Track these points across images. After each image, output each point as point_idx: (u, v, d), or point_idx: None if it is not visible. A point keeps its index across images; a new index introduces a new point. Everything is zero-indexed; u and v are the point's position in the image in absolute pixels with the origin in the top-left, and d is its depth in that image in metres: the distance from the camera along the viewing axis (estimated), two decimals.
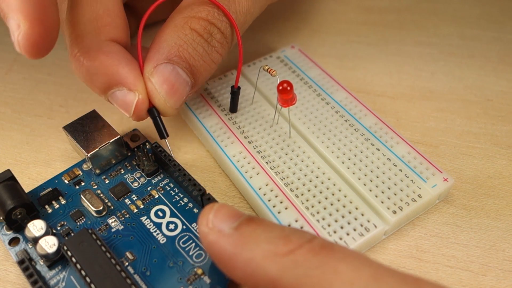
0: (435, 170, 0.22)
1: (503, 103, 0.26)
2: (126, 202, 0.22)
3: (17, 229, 0.21)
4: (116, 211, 0.22)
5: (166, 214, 0.21)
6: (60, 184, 0.23)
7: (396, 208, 0.20)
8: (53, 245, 0.19)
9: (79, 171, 0.23)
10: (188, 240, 0.20)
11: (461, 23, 0.31)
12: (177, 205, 0.22)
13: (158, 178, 0.23)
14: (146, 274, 0.19)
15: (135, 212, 0.21)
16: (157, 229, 0.21)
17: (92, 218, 0.21)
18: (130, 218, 0.21)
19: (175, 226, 0.21)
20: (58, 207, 0.22)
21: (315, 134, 0.23)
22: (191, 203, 0.22)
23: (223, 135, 0.24)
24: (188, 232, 0.21)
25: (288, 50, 0.28)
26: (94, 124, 0.23)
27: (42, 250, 0.19)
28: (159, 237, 0.20)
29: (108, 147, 0.22)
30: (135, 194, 0.22)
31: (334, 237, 0.20)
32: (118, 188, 0.22)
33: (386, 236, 0.21)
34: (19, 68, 0.30)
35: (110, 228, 0.21)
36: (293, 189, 0.21)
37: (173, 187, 0.22)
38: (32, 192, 0.22)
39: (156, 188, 0.22)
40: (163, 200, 0.22)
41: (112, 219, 0.21)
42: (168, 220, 0.21)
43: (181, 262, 0.20)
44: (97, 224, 0.21)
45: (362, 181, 0.21)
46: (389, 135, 0.23)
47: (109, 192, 0.22)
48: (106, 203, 0.22)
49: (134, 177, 0.23)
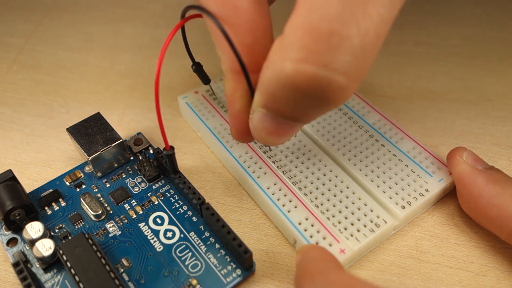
0: (440, 164, 0.22)
1: (503, 103, 0.26)
2: (126, 207, 0.22)
3: (16, 230, 0.21)
4: (114, 216, 0.21)
5: (165, 221, 0.21)
6: (61, 186, 0.23)
7: (404, 203, 0.21)
8: (49, 248, 0.19)
9: (81, 173, 0.23)
10: (185, 249, 0.20)
11: (461, 23, 0.31)
12: (176, 212, 0.21)
13: (159, 184, 0.23)
14: (140, 282, 0.19)
15: (134, 218, 0.21)
16: (155, 236, 0.21)
17: (91, 222, 0.21)
18: (128, 223, 0.21)
19: (173, 234, 0.21)
20: (57, 209, 0.22)
21: (320, 132, 0.23)
22: (191, 211, 0.21)
23: (227, 135, 0.24)
24: (185, 241, 0.20)
25: None
26: (97, 126, 0.23)
27: (38, 253, 0.19)
28: (156, 244, 0.20)
29: (110, 150, 0.22)
30: (134, 199, 0.22)
31: (345, 234, 0.20)
32: (118, 192, 0.22)
33: (395, 231, 0.21)
34: (19, 68, 0.30)
35: (107, 233, 0.21)
36: (301, 187, 0.21)
37: (173, 194, 0.22)
38: (33, 192, 0.22)
39: (156, 194, 0.22)
40: (163, 206, 0.22)
41: (110, 223, 0.21)
42: (166, 228, 0.21)
43: (177, 272, 0.19)
44: (95, 229, 0.21)
45: (369, 177, 0.21)
46: (393, 131, 0.23)
47: (109, 196, 0.22)
48: (105, 207, 0.22)
49: (135, 181, 0.23)
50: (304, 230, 0.20)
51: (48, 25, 0.33)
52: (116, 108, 0.27)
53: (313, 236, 0.19)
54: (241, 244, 0.19)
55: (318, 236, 0.20)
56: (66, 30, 0.32)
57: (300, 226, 0.20)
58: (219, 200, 0.23)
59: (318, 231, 0.20)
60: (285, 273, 0.20)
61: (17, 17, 0.33)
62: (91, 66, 0.30)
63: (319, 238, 0.19)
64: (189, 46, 0.21)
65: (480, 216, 0.20)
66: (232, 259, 0.20)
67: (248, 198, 0.23)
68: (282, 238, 0.21)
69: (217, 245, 0.20)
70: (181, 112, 0.26)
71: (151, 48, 0.31)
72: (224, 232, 0.19)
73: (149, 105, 0.27)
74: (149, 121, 0.26)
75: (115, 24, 0.33)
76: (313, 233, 0.20)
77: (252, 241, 0.21)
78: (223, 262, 0.20)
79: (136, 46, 0.31)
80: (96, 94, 0.28)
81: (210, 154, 0.25)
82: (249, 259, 0.19)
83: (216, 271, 0.19)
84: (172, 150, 0.20)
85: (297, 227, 0.20)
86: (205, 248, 0.20)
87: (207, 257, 0.20)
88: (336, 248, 0.19)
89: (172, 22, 0.20)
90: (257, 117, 0.17)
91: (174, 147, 0.21)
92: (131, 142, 0.24)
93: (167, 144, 0.20)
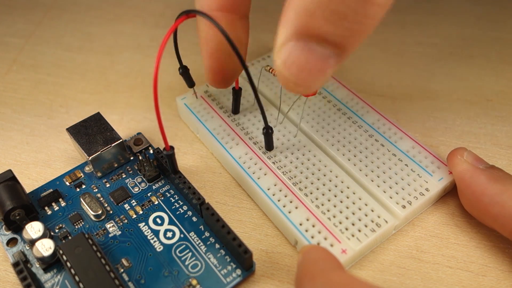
0: (440, 163, 0.22)
1: (503, 103, 0.26)
2: (126, 207, 0.22)
3: (16, 230, 0.21)
4: (114, 216, 0.21)
5: (165, 221, 0.21)
6: (61, 186, 0.23)
7: (405, 202, 0.21)
8: (49, 248, 0.19)
9: (81, 173, 0.23)
10: (185, 249, 0.20)
11: (461, 23, 0.31)
12: (176, 212, 0.21)
13: (159, 184, 0.23)
14: (140, 282, 0.19)
15: (134, 218, 0.21)
16: (155, 236, 0.21)
17: (90, 222, 0.21)
18: (128, 223, 0.21)
19: (173, 234, 0.21)
20: (57, 209, 0.22)
21: (319, 132, 0.23)
22: (190, 211, 0.21)
23: (227, 137, 0.24)
24: (185, 241, 0.20)
25: None
26: (97, 126, 0.23)
27: (38, 253, 0.19)
28: (156, 244, 0.20)
29: (110, 150, 0.22)
30: (134, 199, 0.22)
31: (347, 234, 0.20)
32: (118, 192, 0.22)
33: (396, 231, 0.21)
34: (19, 68, 0.30)
35: (107, 233, 0.21)
36: (301, 188, 0.21)
37: (173, 194, 0.22)
38: (33, 192, 0.22)
39: (156, 194, 0.22)
40: (163, 206, 0.22)
41: (110, 224, 0.21)
42: (166, 228, 0.21)
43: (176, 272, 0.19)
44: (95, 228, 0.21)
45: (369, 177, 0.22)
46: (392, 131, 0.23)
47: (109, 196, 0.22)
48: (105, 207, 0.22)
49: (135, 181, 0.23)
50: (305, 230, 0.20)
51: (48, 24, 0.33)
52: (116, 108, 0.27)
53: (314, 236, 0.19)
54: (241, 244, 0.19)
55: (319, 236, 0.20)
56: (66, 30, 0.32)
57: (301, 227, 0.20)
58: (219, 200, 0.23)
59: (319, 232, 0.20)
60: (285, 273, 0.20)
61: (17, 17, 0.33)
62: (91, 66, 0.30)
63: (321, 238, 0.19)
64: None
65: (483, 214, 0.20)
66: (232, 259, 0.20)
67: (248, 198, 0.23)
68: (282, 238, 0.21)
69: (217, 245, 0.20)
70: (180, 113, 0.26)
71: (151, 48, 0.31)
72: (224, 232, 0.19)
73: (149, 105, 0.27)
74: (149, 121, 0.26)
75: (115, 24, 0.33)
76: (314, 233, 0.20)
77: (252, 241, 0.21)
78: (223, 262, 0.20)
79: (136, 46, 0.31)
80: (96, 94, 0.28)
81: (210, 154, 0.25)
82: (249, 259, 0.19)
83: (216, 271, 0.19)
84: (172, 150, 0.20)
85: (298, 228, 0.20)
86: (205, 248, 0.20)
87: (207, 257, 0.20)
88: (338, 248, 0.19)
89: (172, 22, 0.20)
90: (286, 50, 0.15)
91: (174, 147, 0.21)
92: (131, 142, 0.24)
93: (167, 144, 0.20)
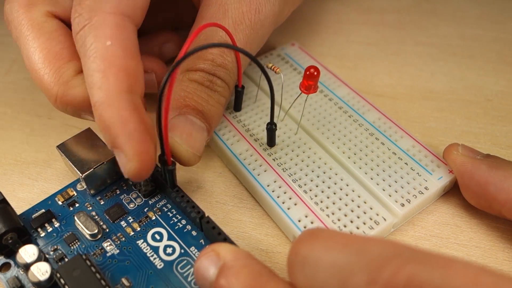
0: (440, 162, 0.22)
1: (503, 103, 0.26)
2: (122, 225, 0.21)
3: (9, 254, 0.20)
4: (111, 234, 0.21)
5: (164, 237, 0.20)
6: (53, 206, 0.22)
7: (404, 201, 0.21)
8: (45, 272, 0.18)
9: (73, 192, 0.22)
10: (186, 265, 0.19)
11: (461, 23, 0.31)
12: (175, 227, 0.21)
13: (156, 199, 0.22)
14: None
15: (131, 235, 0.21)
16: (154, 253, 0.20)
17: (87, 241, 0.20)
18: (126, 241, 0.20)
19: (173, 250, 0.20)
20: (51, 230, 0.21)
21: (320, 130, 0.24)
22: (189, 225, 0.21)
23: (228, 133, 0.24)
24: (186, 256, 0.20)
25: (288, 48, 0.28)
26: (89, 142, 0.22)
27: (34, 278, 0.18)
28: (156, 261, 0.20)
29: (103, 167, 0.21)
30: (131, 216, 0.21)
31: (345, 231, 0.20)
32: (114, 209, 0.21)
33: (395, 229, 0.21)
34: (19, 68, 0.30)
35: (105, 253, 0.20)
36: (301, 185, 0.21)
37: (171, 208, 0.21)
38: (24, 214, 0.21)
39: (153, 209, 0.21)
40: (160, 222, 0.21)
41: (107, 242, 0.20)
42: (166, 244, 0.20)
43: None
44: (91, 248, 0.20)
45: (369, 175, 0.22)
46: (393, 129, 0.23)
47: (104, 214, 0.21)
48: (101, 225, 0.21)
49: (130, 197, 0.22)
50: (304, 227, 0.20)
51: None
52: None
53: None
54: None
55: None
56: None
57: (299, 223, 0.20)
58: (219, 200, 0.23)
59: None
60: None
61: None
62: None
63: None
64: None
65: (489, 203, 0.20)
66: None
67: (248, 198, 0.23)
68: (282, 238, 0.21)
69: None
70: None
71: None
72: None
73: None
74: None
75: None
76: None
77: (252, 241, 0.21)
78: None
79: None
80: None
81: (210, 153, 0.25)
82: None
83: None
84: (174, 166, 0.20)
85: (296, 224, 0.20)
86: None
87: None
88: None
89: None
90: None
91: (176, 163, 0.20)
92: None
93: (170, 158, 0.20)
